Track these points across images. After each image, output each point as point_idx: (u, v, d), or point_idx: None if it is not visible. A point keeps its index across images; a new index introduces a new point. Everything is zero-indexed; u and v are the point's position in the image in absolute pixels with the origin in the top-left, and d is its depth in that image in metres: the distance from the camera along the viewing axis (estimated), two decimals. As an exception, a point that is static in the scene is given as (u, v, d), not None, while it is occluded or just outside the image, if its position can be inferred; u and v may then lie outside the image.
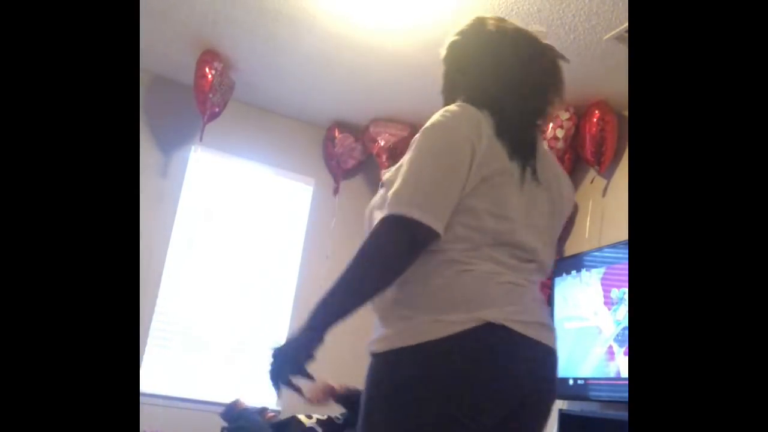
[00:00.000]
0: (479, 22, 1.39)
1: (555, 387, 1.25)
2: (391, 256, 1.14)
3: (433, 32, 2.78)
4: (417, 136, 1.23)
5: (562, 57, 1.41)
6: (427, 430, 1.09)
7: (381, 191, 1.27)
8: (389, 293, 1.17)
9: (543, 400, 1.22)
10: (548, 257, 1.30)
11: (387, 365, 1.15)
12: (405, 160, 1.22)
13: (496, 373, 1.11)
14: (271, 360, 1.14)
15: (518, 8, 2.55)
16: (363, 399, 1.17)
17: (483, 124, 1.21)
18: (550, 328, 1.23)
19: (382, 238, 1.15)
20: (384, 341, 1.16)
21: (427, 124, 1.23)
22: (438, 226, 1.14)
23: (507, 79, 1.32)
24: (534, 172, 1.25)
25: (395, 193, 1.16)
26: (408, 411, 1.10)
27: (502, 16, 2.68)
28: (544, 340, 1.20)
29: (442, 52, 1.41)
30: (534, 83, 1.36)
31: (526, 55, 1.37)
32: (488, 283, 1.16)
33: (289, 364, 1.13)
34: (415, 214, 1.12)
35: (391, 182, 1.21)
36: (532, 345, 1.16)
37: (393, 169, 1.25)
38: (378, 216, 1.18)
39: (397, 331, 1.15)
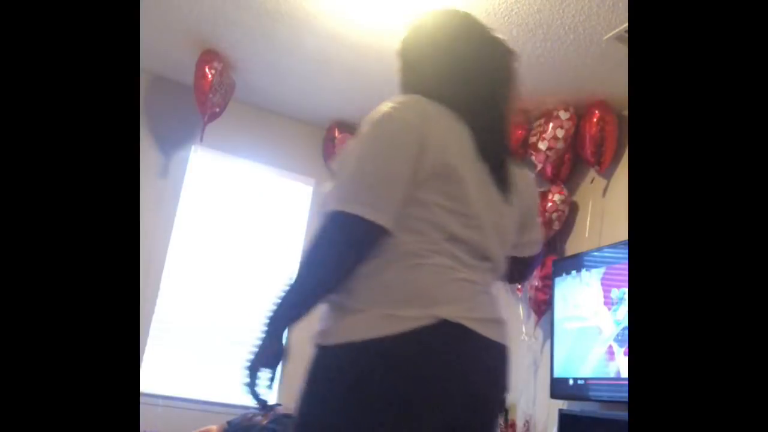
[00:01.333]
0: (432, 16, 1.33)
1: (507, 385, 1.23)
2: (336, 255, 1.11)
3: (433, 32, 2.78)
4: (363, 126, 1.18)
5: (513, 51, 1.35)
6: (375, 427, 1.05)
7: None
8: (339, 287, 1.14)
9: (497, 396, 1.21)
10: (503, 260, 1.28)
11: (336, 359, 1.09)
12: (350, 150, 1.18)
13: (451, 372, 1.09)
14: (243, 376, 1.13)
15: (518, 8, 2.55)
16: (304, 391, 1.12)
17: (434, 115, 1.18)
18: (500, 324, 1.21)
19: (326, 236, 1.12)
20: (334, 334, 1.11)
21: (374, 114, 1.18)
22: (384, 221, 1.10)
23: (466, 75, 1.26)
24: (501, 174, 1.24)
25: (339, 189, 1.13)
26: (357, 407, 1.06)
27: (502, 16, 2.68)
28: (499, 339, 1.18)
29: (398, 47, 1.35)
30: (490, 79, 1.28)
31: (481, 51, 1.29)
32: (444, 278, 1.12)
33: (254, 376, 1.12)
34: (359, 211, 1.09)
35: (337, 173, 1.17)
36: (488, 343, 1.15)
37: (340, 157, 1.23)
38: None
39: (348, 324, 1.10)
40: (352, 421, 1.06)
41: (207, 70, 3.11)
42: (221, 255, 3.58)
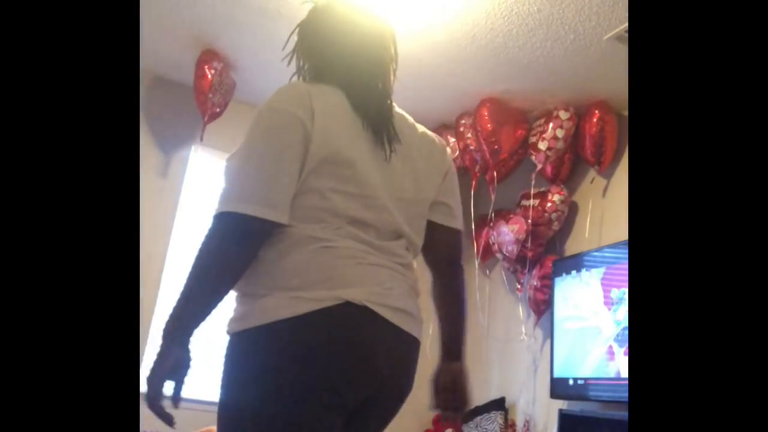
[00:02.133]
0: (313, 10, 1.36)
1: (412, 378, 1.25)
2: (226, 255, 1.10)
3: (433, 34, 2.78)
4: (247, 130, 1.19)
5: (387, 28, 1.36)
6: (286, 409, 1.05)
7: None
8: (248, 275, 1.13)
9: (401, 389, 1.22)
10: (416, 232, 1.28)
11: (245, 344, 1.10)
12: (234, 152, 1.18)
13: (355, 353, 1.09)
14: (144, 389, 1.10)
15: (518, 8, 2.55)
16: (222, 378, 1.13)
17: (314, 96, 1.18)
18: (416, 318, 1.22)
19: (214, 239, 1.11)
20: (241, 320, 1.12)
21: (254, 116, 1.19)
22: (275, 216, 1.10)
23: (346, 53, 1.28)
24: (391, 146, 1.22)
25: (225, 188, 1.12)
26: (268, 390, 1.06)
27: (502, 16, 2.67)
28: (409, 330, 1.19)
29: (293, 44, 1.38)
30: (371, 54, 1.29)
31: (360, 28, 1.30)
32: (350, 262, 1.12)
33: (154, 389, 1.08)
34: (248, 210, 1.09)
35: (225, 173, 1.18)
36: (396, 331, 1.15)
37: (229, 156, 1.22)
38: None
39: (255, 309, 1.10)
40: (269, 400, 1.06)
41: (207, 70, 3.11)
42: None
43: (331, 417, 1.09)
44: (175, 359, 1.10)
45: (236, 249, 1.10)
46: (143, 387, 1.11)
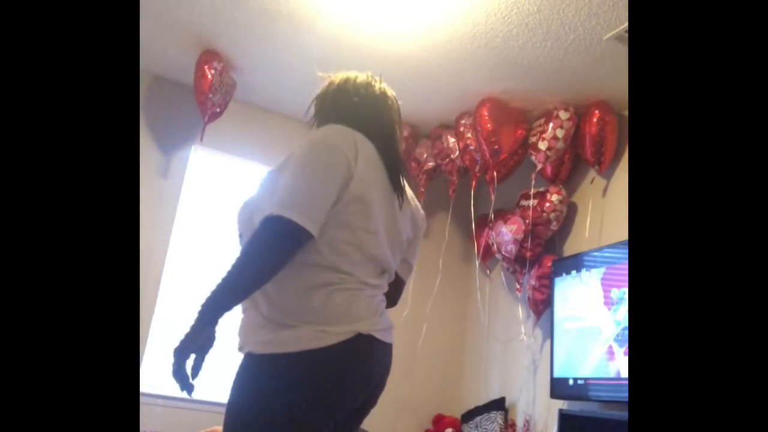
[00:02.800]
0: (340, 80, 1.65)
1: (388, 375, 1.49)
2: (269, 250, 1.29)
3: (433, 35, 2.78)
4: (297, 148, 1.39)
5: (393, 98, 1.66)
6: (309, 418, 1.26)
7: (257, 191, 1.45)
8: (269, 303, 1.34)
9: (382, 387, 1.47)
10: (395, 267, 1.52)
11: (275, 365, 1.28)
12: (283, 167, 1.39)
13: (362, 374, 1.35)
14: (171, 359, 1.26)
15: (518, 8, 2.55)
16: (241, 392, 1.30)
17: (359, 142, 1.41)
18: (392, 328, 1.47)
19: (263, 236, 1.29)
20: (268, 345, 1.31)
21: (310, 138, 1.40)
22: (311, 227, 1.29)
23: (368, 115, 1.54)
24: (402, 194, 1.48)
25: (277, 198, 1.31)
26: (295, 404, 1.25)
27: (502, 16, 2.68)
28: (389, 339, 1.44)
29: (321, 91, 1.68)
30: (392, 118, 1.59)
31: (379, 95, 1.60)
32: (357, 299, 1.36)
33: (183, 359, 1.26)
34: (292, 216, 1.28)
35: (266, 185, 1.41)
36: (385, 347, 1.41)
37: (271, 171, 1.44)
38: (258, 217, 1.33)
39: (286, 337, 1.30)
40: (291, 415, 1.25)
41: (207, 70, 3.10)
42: (221, 255, 3.58)
43: (330, 426, 1.31)
44: (206, 335, 1.30)
45: (277, 249, 1.29)
46: (170, 358, 1.26)
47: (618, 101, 3.10)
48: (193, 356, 1.31)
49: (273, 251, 1.29)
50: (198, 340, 1.28)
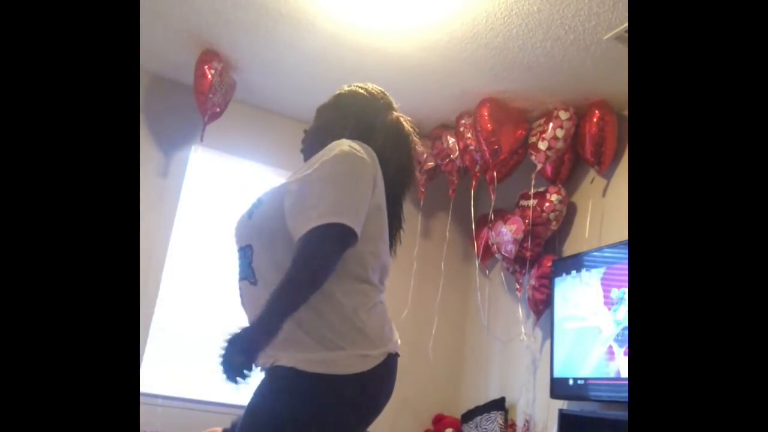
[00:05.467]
0: (353, 90, 1.70)
1: None
2: (327, 260, 1.30)
3: (433, 34, 2.78)
4: (323, 158, 1.39)
5: (418, 143, 1.71)
6: None
7: (284, 198, 1.41)
8: (321, 322, 1.33)
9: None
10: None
11: (319, 385, 1.30)
12: (312, 178, 1.38)
13: (389, 392, 1.42)
14: (226, 348, 1.26)
15: (518, 8, 2.55)
16: (278, 405, 1.31)
17: (376, 159, 1.45)
18: None
19: (322, 244, 1.30)
20: (319, 364, 1.31)
21: (337, 150, 1.40)
22: (358, 230, 1.32)
23: (388, 158, 1.53)
24: (399, 224, 1.56)
25: (319, 208, 1.31)
26: (333, 424, 1.30)
27: (502, 16, 2.68)
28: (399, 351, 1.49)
29: (327, 102, 1.69)
30: (402, 164, 1.58)
31: (387, 115, 1.64)
32: (384, 316, 1.42)
33: (245, 354, 1.25)
34: (342, 220, 1.30)
35: (296, 195, 1.38)
36: (397, 358, 1.45)
37: (295, 178, 1.43)
38: (294, 225, 1.33)
39: (332, 358, 1.32)
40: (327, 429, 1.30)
41: (207, 70, 3.10)
42: (221, 255, 3.58)
43: None
44: (264, 347, 1.29)
45: (333, 252, 1.32)
46: (234, 355, 1.25)
47: (618, 101, 3.10)
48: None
49: (328, 257, 1.31)
50: (269, 340, 1.28)
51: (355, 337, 1.35)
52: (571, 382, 2.93)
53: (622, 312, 2.71)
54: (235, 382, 1.27)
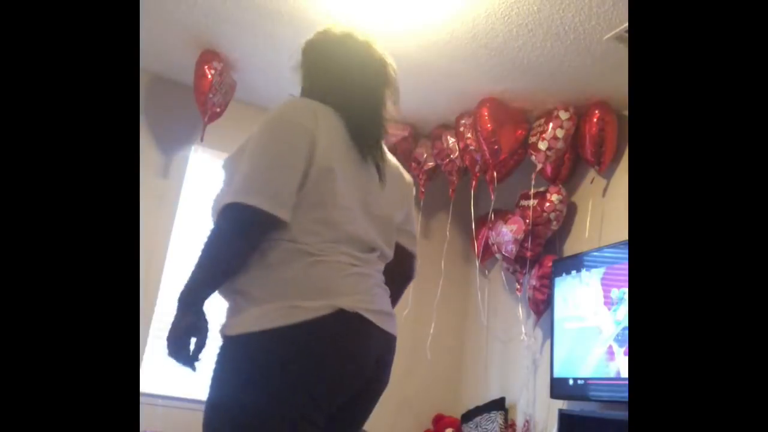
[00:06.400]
0: (322, 32, 1.49)
1: (390, 372, 1.36)
2: (233, 244, 1.20)
3: (433, 34, 2.78)
4: (253, 131, 1.28)
5: (387, 61, 1.49)
6: (283, 409, 1.14)
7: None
8: (244, 280, 1.22)
9: (382, 383, 1.33)
10: (388, 246, 1.40)
11: (246, 346, 1.18)
12: (242, 149, 1.28)
13: (348, 356, 1.20)
14: (166, 347, 1.23)
15: (518, 8, 2.55)
16: (216, 376, 1.22)
17: (320, 114, 1.29)
18: (392, 316, 1.33)
19: (225, 227, 1.21)
20: (241, 325, 1.20)
21: (263, 120, 1.28)
22: (281, 213, 1.19)
23: (346, 80, 1.39)
24: (380, 169, 1.36)
25: (235, 184, 1.21)
26: (267, 388, 1.14)
27: (502, 16, 2.68)
28: (390, 329, 1.30)
29: (297, 59, 1.50)
30: (369, 84, 1.42)
31: (357, 60, 1.43)
32: (342, 273, 1.23)
33: (170, 344, 1.24)
34: (255, 202, 1.18)
35: (227, 171, 1.29)
36: (380, 333, 1.26)
37: (228, 157, 1.33)
38: (214, 205, 1.27)
39: (256, 315, 1.18)
40: (263, 400, 1.15)
41: (207, 70, 3.10)
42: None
43: (316, 416, 1.18)
44: (188, 322, 1.23)
45: (243, 238, 1.20)
46: (168, 349, 1.24)
47: (618, 101, 3.10)
48: (193, 341, 1.26)
49: (236, 241, 1.20)
50: (181, 326, 1.23)
51: (283, 287, 1.19)
52: (571, 382, 2.93)
53: (622, 312, 2.71)
54: (188, 366, 1.24)
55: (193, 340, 1.26)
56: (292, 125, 1.26)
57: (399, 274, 1.48)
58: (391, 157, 1.48)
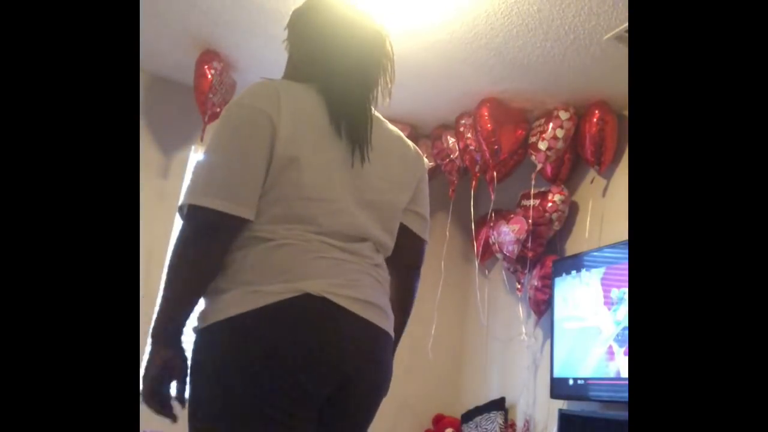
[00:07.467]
0: (307, 3, 1.34)
1: (387, 370, 1.22)
2: (191, 252, 1.10)
3: (433, 34, 2.78)
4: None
5: (380, 31, 1.35)
6: (246, 403, 1.04)
7: None
8: (217, 280, 1.14)
9: (374, 383, 1.18)
10: (388, 233, 1.26)
11: (209, 337, 1.09)
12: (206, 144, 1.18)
13: (315, 345, 1.07)
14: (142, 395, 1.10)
15: (518, 8, 2.55)
16: (189, 372, 1.12)
17: (285, 96, 1.15)
18: (383, 310, 1.19)
19: (183, 234, 1.12)
20: (203, 317, 1.12)
21: (221, 115, 1.17)
22: (241, 212, 1.09)
23: (329, 49, 1.25)
24: (362, 151, 1.20)
25: (190, 183, 1.12)
26: (227, 386, 1.05)
27: (502, 16, 2.67)
28: (374, 320, 1.16)
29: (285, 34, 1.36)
30: (357, 53, 1.27)
31: (348, 30, 1.28)
32: (309, 256, 1.11)
33: (145, 387, 1.10)
34: (214, 204, 1.08)
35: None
36: (360, 322, 1.12)
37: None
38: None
39: (220, 304, 1.09)
40: (224, 393, 1.05)
41: (207, 70, 3.10)
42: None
43: (302, 411, 1.08)
44: (162, 359, 1.10)
45: (202, 244, 1.10)
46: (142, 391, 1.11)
47: (618, 101, 3.10)
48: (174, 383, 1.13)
49: (196, 250, 1.10)
50: (155, 364, 1.10)
51: (240, 274, 1.10)
52: (571, 382, 2.93)
53: (622, 312, 2.71)
54: (165, 415, 1.10)
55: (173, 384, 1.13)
56: (248, 111, 1.13)
57: (401, 260, 1.34)
58: (391, 130, 1.33)
